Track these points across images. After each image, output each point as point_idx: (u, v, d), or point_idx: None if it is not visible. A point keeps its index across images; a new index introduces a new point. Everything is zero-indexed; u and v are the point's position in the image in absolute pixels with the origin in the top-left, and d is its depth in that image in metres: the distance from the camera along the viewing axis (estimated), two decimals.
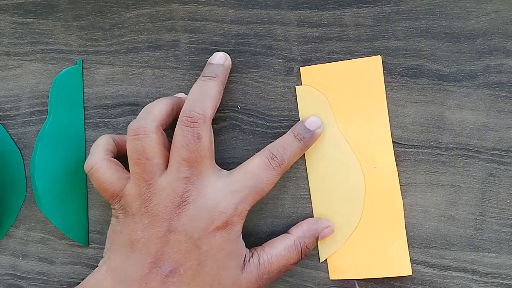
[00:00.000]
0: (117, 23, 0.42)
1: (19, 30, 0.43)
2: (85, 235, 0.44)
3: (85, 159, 0.43)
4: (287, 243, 0.39)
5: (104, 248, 0.41)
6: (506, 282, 0.40)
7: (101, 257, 0.44)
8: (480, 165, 0.40)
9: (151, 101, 0.42)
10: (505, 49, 0.39)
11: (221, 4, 0.41)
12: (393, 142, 0.41)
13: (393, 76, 0.40)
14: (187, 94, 0.41)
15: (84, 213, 0.44)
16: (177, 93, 0.42)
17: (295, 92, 0.41)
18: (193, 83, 0.42)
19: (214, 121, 0.42)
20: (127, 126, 0.43)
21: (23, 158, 0.44)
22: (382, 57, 0.40)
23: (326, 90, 0.40)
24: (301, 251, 0.39)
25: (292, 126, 0.41)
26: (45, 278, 0.45)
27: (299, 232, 0.39)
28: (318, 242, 0.40)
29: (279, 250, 0.38)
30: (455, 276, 0.41)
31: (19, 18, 0.43)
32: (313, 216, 0.41)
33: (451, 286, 0.41)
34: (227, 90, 0.42)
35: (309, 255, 0.40)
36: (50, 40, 0.43)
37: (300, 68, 0.40)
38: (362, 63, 0.40)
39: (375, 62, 0.40)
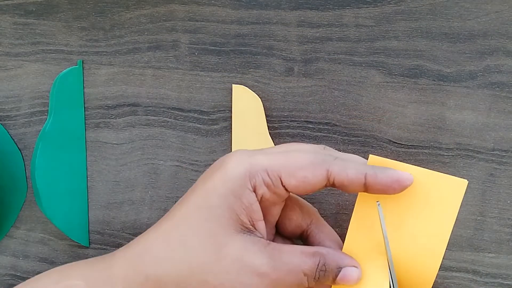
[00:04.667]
0: (117, 24, 0.42)
1: (19, 31, 0.43)
2: (85, 236, 0.44)
3: (86, 159, 0.43)
4: (306, 249, 0.33)
5: (102, 250, 0.41)
6: (506, 282, 0.40)
7: None
8: (480, 166, 0.40)
9: (151, 102, 0.42)
10: (505, 49, 0.39)
11: (221, 4, 0.41)
12: (393, 142, 0.41)
13: (393, 76, 0.40)
14: (186, 93, 0.42)
15: (85, 214, 0.44)
16: (177, 93, 0.42)
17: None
18: (194, 83, 0.42)
19: (215, 121, 0.42)
20: (128, 126, 0.43)
21: (23, 159, 0.44)
22: (382, 58, 0.40)
23: None
24: (318, 264, 0.33)
25: (293, 126, 0.41)
26: None
27: (322, 248, 0.34)
28: None
29: (296, 248, 0.33)
30: (455, 276, 0.41)
31: (20, 19, 0.43)
32: None
33: (451, 286, 0.41)
34: (227, 91, 0.42)
35: (321, 283, 0.33)
36: (51, 40, 0.43)
37: (370, 155, 0.33)
38: (443, 180, 0.33)
39: (458, 185, 0.33)
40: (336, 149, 0.41)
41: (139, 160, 0.43)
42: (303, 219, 0.36)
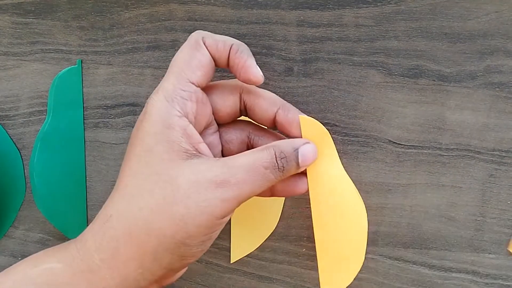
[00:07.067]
0: (116, 23, 0.42)
1: (18, 30, 0.43)
2: None
3: (84, 159, 0.43)
4: (257, 149, 0.34)
5: None
6: (506, 283, 0.40)
7: None
8: (481, 166, 0.40)
9: None
10: (506, 49, 0.39)
11: (220, 4, 0.41)
12: (393, 142, 0.40)
13: (393, 76, 0.40)
14: None
15: (83, 214, 0.44)
16: None
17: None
18: None
19: None
20: (127, 126, 0.43)
21: (22, 159, 0.44)
22: (382, 58, 0.40)
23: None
24: (275, 154, 0.33)
25: None
26: None
27: (272, 143, 0.35)
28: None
29: (247, 151, 0.34)
30: (455, 277, 0.41)
31: (19, 18, 0.43)
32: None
33: (451, 287, 0.41)
34: None
35: (289, 171, 0.34)
36: (50, 40, 0.43)
37: (300, 116, 0.36)
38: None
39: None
40: (336, 150, 0.41)
41: None
42: (269, 104, 0.36)
